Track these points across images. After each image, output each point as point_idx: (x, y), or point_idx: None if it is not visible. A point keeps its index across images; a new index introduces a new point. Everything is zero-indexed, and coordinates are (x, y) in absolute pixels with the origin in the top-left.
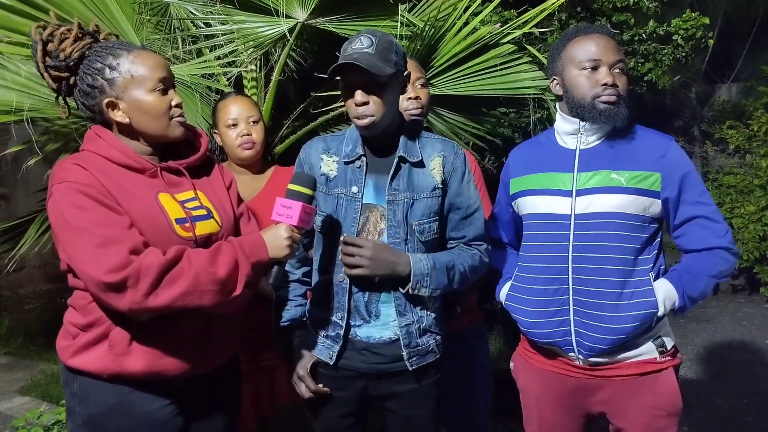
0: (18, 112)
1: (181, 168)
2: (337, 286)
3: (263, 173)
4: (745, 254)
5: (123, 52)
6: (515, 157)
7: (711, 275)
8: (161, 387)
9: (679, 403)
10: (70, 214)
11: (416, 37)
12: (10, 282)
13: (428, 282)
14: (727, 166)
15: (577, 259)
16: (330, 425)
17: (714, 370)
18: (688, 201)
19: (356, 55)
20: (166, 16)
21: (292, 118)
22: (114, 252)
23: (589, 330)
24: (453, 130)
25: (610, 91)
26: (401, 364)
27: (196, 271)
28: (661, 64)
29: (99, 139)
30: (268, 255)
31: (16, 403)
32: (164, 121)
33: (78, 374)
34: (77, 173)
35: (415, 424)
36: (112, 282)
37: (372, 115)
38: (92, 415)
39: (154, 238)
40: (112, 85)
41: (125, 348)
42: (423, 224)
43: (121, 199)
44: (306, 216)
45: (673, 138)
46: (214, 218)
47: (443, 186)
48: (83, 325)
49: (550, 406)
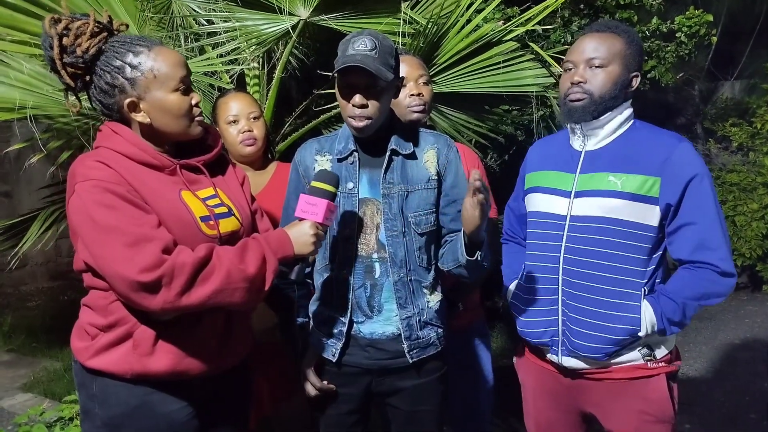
0: (21, 109)
1: (199, 165)
2: (338, 284)
3: (264, 169)
4: (748, 252)
5: (143, 49)
6: (533, 152)
7: (690, 297)
8: (182, 388)
9: (670, 410)
10: (98, 212)
11: (419, 35)
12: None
13: (483, 253)
14: (730, 164)
15: (567, 261)
16: (335, 422)
17: (716, 367)
18: (687, 206)
19: (360, 57)
20: (169, 14)
21: (295, 115)
22: (147, 251)
23: (573, 335)
24: (455, 128)
25: (574, 89)
26: (403, 360)
27: (227, 268)
28: (665, 61)
29: (116, 135)
30: (294, 251)
31: (19, 400)
32: (186, 121)
33: (97, 375)
34: (102, 171)
35: (420, 419)
36: (146, 281)
37: (369, 118)
38: (113, 417)
39: (181, 237)
40: (133, 85)
41: (149, 348)
42: (419, 216)
43: (148, 197)
44: (330, 213)
45: (685, 140)
46: (235, 215)
47: (438, 178)
48: (104, 325)
49: (546, 402)
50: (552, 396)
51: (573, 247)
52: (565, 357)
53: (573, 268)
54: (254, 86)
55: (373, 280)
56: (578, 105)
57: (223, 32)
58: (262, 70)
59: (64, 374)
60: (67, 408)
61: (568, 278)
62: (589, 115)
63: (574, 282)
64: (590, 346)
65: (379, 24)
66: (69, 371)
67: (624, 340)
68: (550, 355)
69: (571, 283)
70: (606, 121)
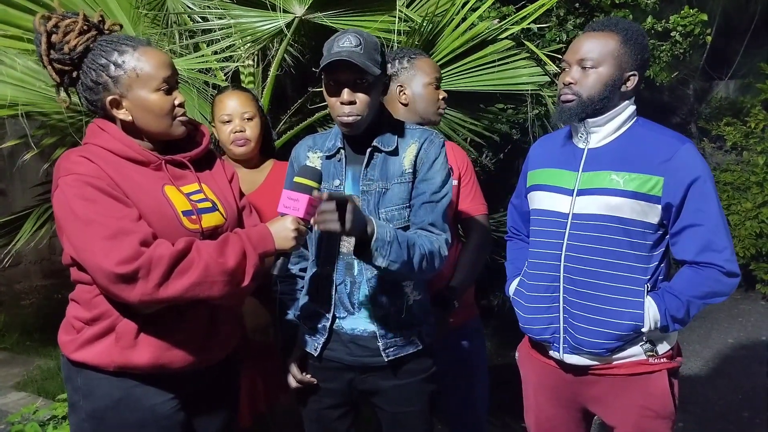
0: (13, 106)
1: (185, 161)
2: (323, 279)
3: (260, 167)
4: (742, 251)
5: (128, 48)
6: (535, 150)
7: (695, 296)
8: (166, 381)
9: (671, 406)
10: (79, 206)
11: (414, 33)
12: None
13: (387, 252)
14: (724, 163)
15: (569, 259)
16: (316, 416)
17: (710, 366)
18: (691, 208)
19: (345, 53)
20: (163, 11)
21: (290, 113)
22: (125, 243)
23: (575, 331)
24: (451, 127)
25: (564, 90)
26: (381, 359)
27: (206, 261)
28: (659, 60)
29: (103, 132)
30: (275, 246)
31: (12, 399)
32: (167, 121)
33: (82, 368)
34: (85, 165)
35: (405, 420)
36: (123, 273)
37: (358, 114)
38: (97, 410)
39: (162, 230)
40: (116, 83)
41: (132, 340)
42: (392, 211)
43: (129, 191)
44: (312, 209)
45: (689, 141)
46: (219, 211)
47: (413, 171)
48: (88, 318)
49: (547, 398)
50: (553, 392)
51: (575, 245)
52: (567, 354)
53: (575, 265)
54: (249, 84)
55: (352, 277)
56: (567, 107)
57: (218, 29)
58: (257, 68)
59: (58, 373)
60: (60, 406)
61: (570, 275)
62: (576, 117)
63: (576, 279)
64: (593, 341)
65: (375, 22)
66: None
67: (626, 336)
68: (552, 352)
69: (573, 280)
70: (608, 119)
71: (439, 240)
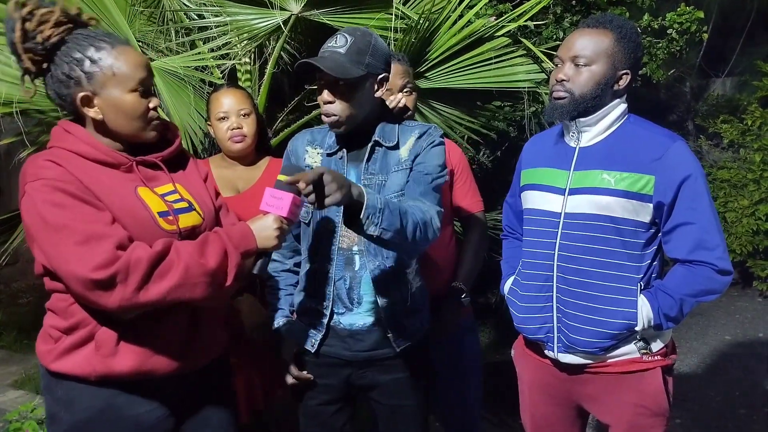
0: (8, 104)
1: (157, 161)
2: (320, 275)
3: (256, 164)
4: (738, 248)
5: (106, 45)
6: (528, 149)
7: (688, 294)
8: (150, 389)
9: (665, 403)
10: (49, 212)
11: (411, 30)
12: (3, 276)
13: (379, 219)
14: (720, 161)
15: (561, 258)
16: (313, 412)
17: (707, 363)
18: (682, 206)
19: (327, 54)
20: (159, 8)
21: (287, 111)
22: (100, 248)
23: (569, 331)
24: (447, 124)
25: (557, 87)
26: (385, 351)
27: (186, 262)
28: (656, 58)
29: (68, 134)
30: (257, 245)
31: (10, 397)
32: (140, 123)
33: (62, 379)
34: (52, 170)
35: (402, 414)
36: (100, 279)
37: (335, 114)
38: (78, 422)
39: (138, 233)
40: (90, 80)
41: (112, 348)
42: (390, 199)
43: (100, 195)
44: (295, 208)
45: (680, 139)
46: (196, 210)
47: (411, 160)
48: (66, 328)
49: (542, 395)
50: (548, 390)
51: (567, 244)
52: (561, 353)
53: (568, 265)
54: (246, 81)
55: (352, 272)
56: (558, 104)
57: (214, 27)
58: (254, 66)
59: None
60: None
61: (563, 275)
62: (568, 115)
63: (569, 279)
64: (586, 340)
65: (371, 19)
66: None
67: (620, 335)
68: (546, 351)
69: (566, 280)
70: (598, 118)
71: (430, 210)
